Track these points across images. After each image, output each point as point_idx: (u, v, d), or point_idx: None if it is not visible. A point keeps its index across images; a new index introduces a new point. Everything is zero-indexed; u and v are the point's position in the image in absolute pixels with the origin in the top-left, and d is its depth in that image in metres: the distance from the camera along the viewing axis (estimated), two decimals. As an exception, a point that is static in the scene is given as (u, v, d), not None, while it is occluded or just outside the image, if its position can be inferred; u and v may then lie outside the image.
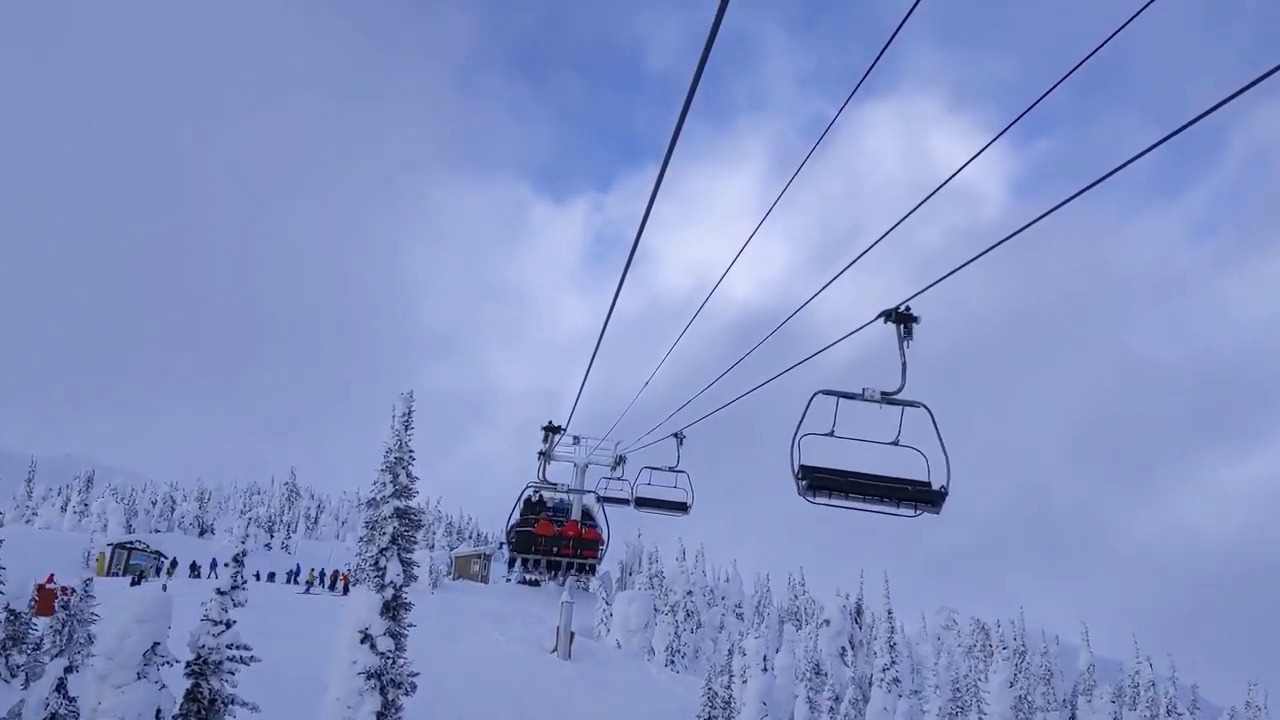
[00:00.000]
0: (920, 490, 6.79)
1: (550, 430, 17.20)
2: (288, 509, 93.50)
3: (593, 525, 20.76)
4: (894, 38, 4.83)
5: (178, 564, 64.16)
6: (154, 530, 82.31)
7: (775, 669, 45.75)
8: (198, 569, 62.53)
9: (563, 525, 20.20)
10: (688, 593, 70.26)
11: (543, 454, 17.49)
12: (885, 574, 59.47)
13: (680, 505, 15.78)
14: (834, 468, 6.82)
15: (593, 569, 21.05)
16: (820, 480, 6.71)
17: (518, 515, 19.44)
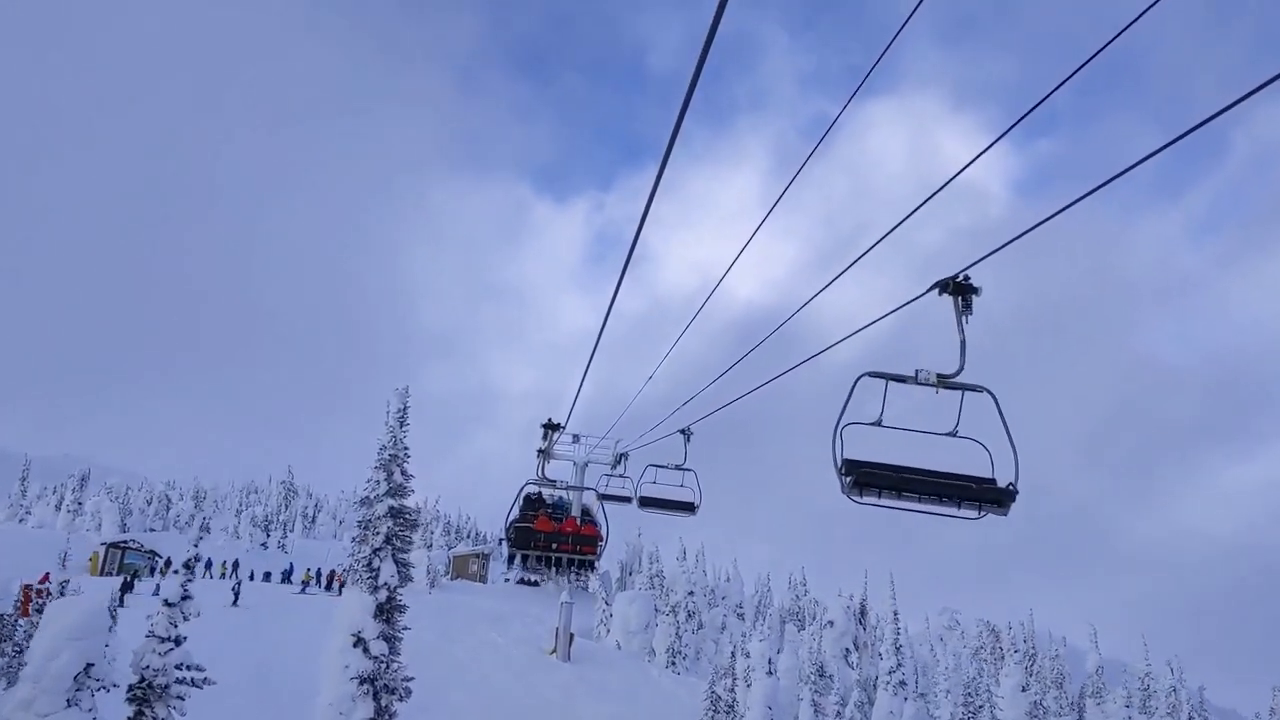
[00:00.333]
0: (986, 489, 5.73)
1: (549, 428, 17.15)
2: (285, 508, 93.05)
3: (591, 522, 20.88)
4: (896, 37, 4.90)
5: (172, 563, 63.37)
6: (149, 529, 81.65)
7: (779, 671, 44.99)
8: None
9: (561, 522, 20.11)
10: (689, 593, 69.40)
11: (542, 451, 17.43)
12: (890, 574, 58.62)
13: (687, 506, 14.71)
14: (885, 462, 5.74)
15: (591, 565, 20.80)
16: (868, 477, 5.64)
17: (517, 512, 19.30)
